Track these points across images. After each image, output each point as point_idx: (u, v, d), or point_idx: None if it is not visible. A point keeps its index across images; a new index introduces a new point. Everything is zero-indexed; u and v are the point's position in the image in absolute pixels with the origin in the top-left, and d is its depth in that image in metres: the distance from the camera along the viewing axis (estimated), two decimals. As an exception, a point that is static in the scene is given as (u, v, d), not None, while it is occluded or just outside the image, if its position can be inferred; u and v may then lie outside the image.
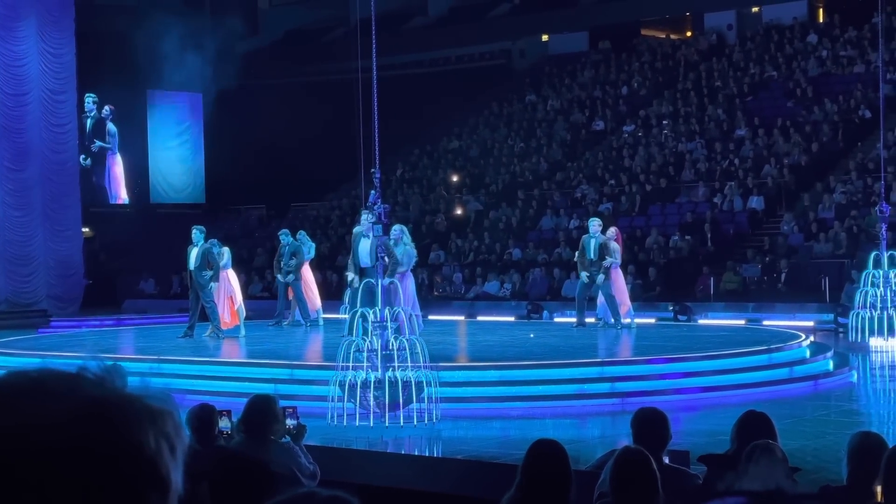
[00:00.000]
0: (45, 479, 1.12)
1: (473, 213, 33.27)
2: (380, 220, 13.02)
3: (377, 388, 12.25)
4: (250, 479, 4.14)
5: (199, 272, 18.96)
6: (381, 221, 13.03)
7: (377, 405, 12.33)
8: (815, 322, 22.84)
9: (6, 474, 1.12)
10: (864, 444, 5.33)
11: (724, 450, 6.26)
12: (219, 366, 15.81)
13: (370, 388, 12.27)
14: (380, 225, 13.00)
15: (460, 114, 38.91)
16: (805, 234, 27.10)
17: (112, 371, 1.22)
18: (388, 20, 31.82)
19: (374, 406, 12.33)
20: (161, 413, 1.20)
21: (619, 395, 13.49)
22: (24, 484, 1.12)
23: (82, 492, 1.13)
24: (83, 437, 1.14)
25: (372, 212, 13.17)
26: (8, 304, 28.13)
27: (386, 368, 12.36)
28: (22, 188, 28.56)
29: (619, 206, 30.81)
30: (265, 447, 6.41)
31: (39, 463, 1.12)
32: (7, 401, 1.16)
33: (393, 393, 12.27)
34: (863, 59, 33.37)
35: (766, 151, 30.92)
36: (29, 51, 28.57)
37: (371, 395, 12.31)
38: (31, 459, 1.12)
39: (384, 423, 12.17)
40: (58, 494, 1.12)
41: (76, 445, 1.14)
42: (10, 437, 1.13)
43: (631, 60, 38.81)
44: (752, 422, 6.09)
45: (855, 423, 12.28)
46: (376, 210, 13.08)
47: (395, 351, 12.41)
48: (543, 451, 5.09)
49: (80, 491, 1.13)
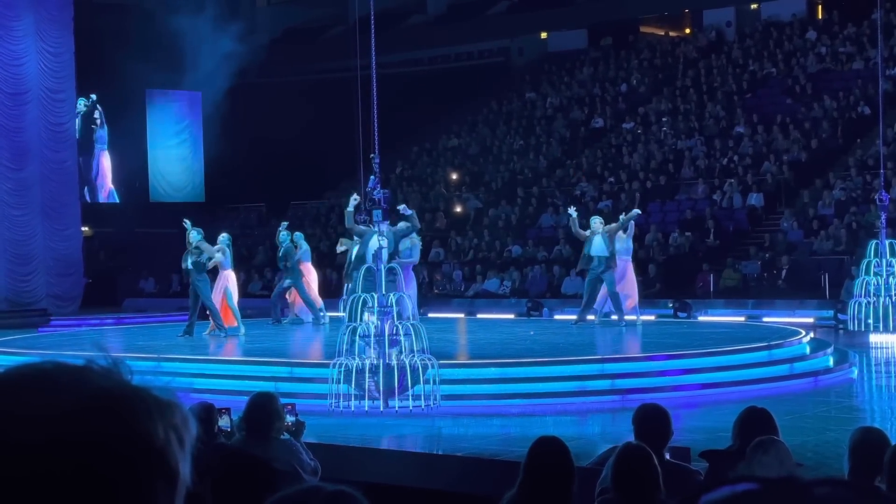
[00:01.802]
0: (54, 469, 1.12)
1: (473, 211, 33.28)
2: (379, 205, 13.01)
3: (377, 372, 12.28)
4: (252, 477, 4.14)
5: (197, 273, 18.91)
6: (380, 206, 13.02)
7: (377, 390, 12.36)
8: (815, 318, 22.85)
9: (16, 464, 1.12)
10: (866, 440, 5.33)
11: (726, 446, 6.26)
12: (219, 364, 15.81)
13: (370, 373, 12.30)
14: (380, 210, 12.99)
15: (459, 112, 38.91)
16: (805, 230, 27.11)
17: (119, 364, 1.22)
18: (387, 18, 31.80)
19: (374, 391, 12.36)
20: (169, 405, 1.21)
21: (620, 392, 13.50)
22: (34, 474, 1.12)
23: (92, 482, 1.13)
24: (92, 427, 1.14)
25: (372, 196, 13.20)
26: (8, 303, 28.11)
27: (386, 353, 12.39)
28: (21, 187, 28.55)
29: (619, 203, 30.79)
30: (267, 444, 6.42)
31: (49, 453, 1.12)
32: (16, 392, 1.16)
33: (392, 378, 12.31)
34: (862, 56, 33.37)
35: (766, 148, 30.93)
36: (27, 49, 28.54)
37: (372, 380, 12.35)
38: (41, 450, 1.12)
39: (386, 410, 12.20)
40: (67, 484, 1.12)
41: (86, 436, 1.14)
42: (20, 428, 1.13)
43: (630, 58, 38.80)
44: (753, 418, 6.09)
45: (856, 419, 12.29)
46: (376, 195, 13.09)
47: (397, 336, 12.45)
48: (546, 447, 5.09)
49: (89, 481, 1.13)
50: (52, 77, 29.06)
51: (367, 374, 12.40)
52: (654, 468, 4.98)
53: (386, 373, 12.41)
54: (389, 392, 12.51)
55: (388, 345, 12.53)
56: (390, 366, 12.37)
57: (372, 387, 12.42)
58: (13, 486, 1.12)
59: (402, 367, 12.38)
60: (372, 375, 12.43)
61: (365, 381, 12.47)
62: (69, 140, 29.85)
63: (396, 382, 12.42)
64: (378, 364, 12.40)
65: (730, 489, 0.95)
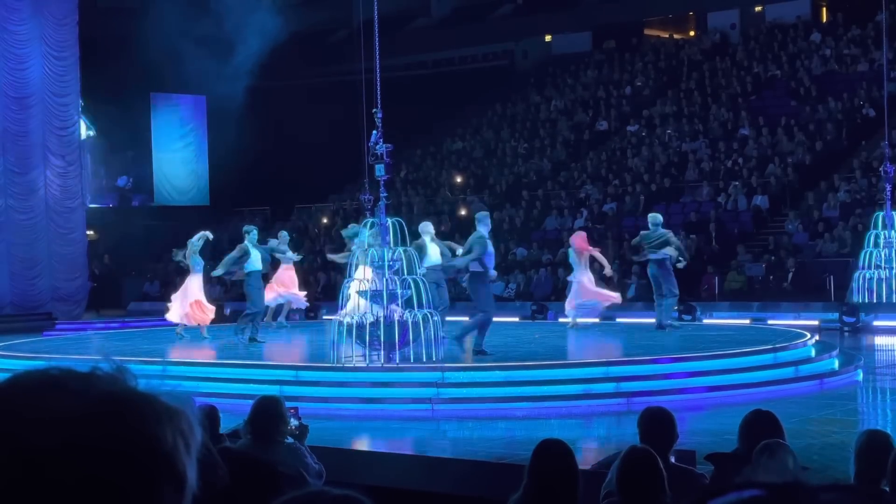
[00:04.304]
0: (62, 473, 1.13)
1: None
2: (382, 159, 13.18)
3: (379, 327, 12.37)
4: (258, 480, 4.15)
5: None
6: (383, 161, 13.19)
7: (379, 344, 12.47)
8: (820, 321, 22.81)
9: (25, 469, 1.12)
10: (872, 443, 5.32)
11: (731, 449, 6.25)
12: (224, 368, 15.81)
13: (373, 328, 12.42)
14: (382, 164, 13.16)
15: (464, 114, 38.92)
16: (810, 233, 27.07)
17: (124, 370, 1.22)
18: (392, 22, 31.81)
19: (376, 345, 12.49)
20: (176, 410, 1.21)
21: (625, 395, 13.48)
22: (42, 478, 1.12)
23: (100, 486, 1.13)
24: (102, 431, 1.15)
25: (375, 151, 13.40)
26: (13, 307, 28.15)
27: (388, 308, 12.50)
28: (26, 191, 28.59)
29: (623, 205, 30.80)
30: (272, 448, 6.42)
31: (57, 457, 1.13)
32: (24, 397, 1.16)
33: (393, 332, 12.39)
34: (866, 58, 33.34)
35: (770, 150, 30.90)
36: (32, 54, 28.58)
37: (374, 335, 12.47)
38: (52, 453, 1.13)
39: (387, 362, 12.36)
40: (76, 488, 1.13)
41: (96, 440, 1.14)
42: (29, 432, 1.13)
43: (634, 60, 38.80)
44: (758, 421, 6.09)
45: (861, 421, 12.27)
46: (378, 150, 13.27)
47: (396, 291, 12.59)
48: (550, 451, 5.09)
49: (99, 485, 1.13)
50: (57, 81, 29.09)
51: (370, 329, 12.52)
52: (659, 471, 4.97)
53: (387, 327, 12.49)
54: (391, 346, 12.61)
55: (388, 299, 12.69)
56: (391, 320, 12.46)
57: (374, 341, 12.55)
58: (23, 487, 1.12)
59: (403, 322, 12.47)
60: (374, 329, 12.53)
61: (366, 335, 12.58)
62: (73, 143, 29.87)
63: (398, 336, 12.51)
64: (381, 319, 12.53)
65: (736, 494, 0.95)
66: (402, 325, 12.75)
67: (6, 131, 28.20)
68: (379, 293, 13.21)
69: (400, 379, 13.76)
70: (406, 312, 13.12)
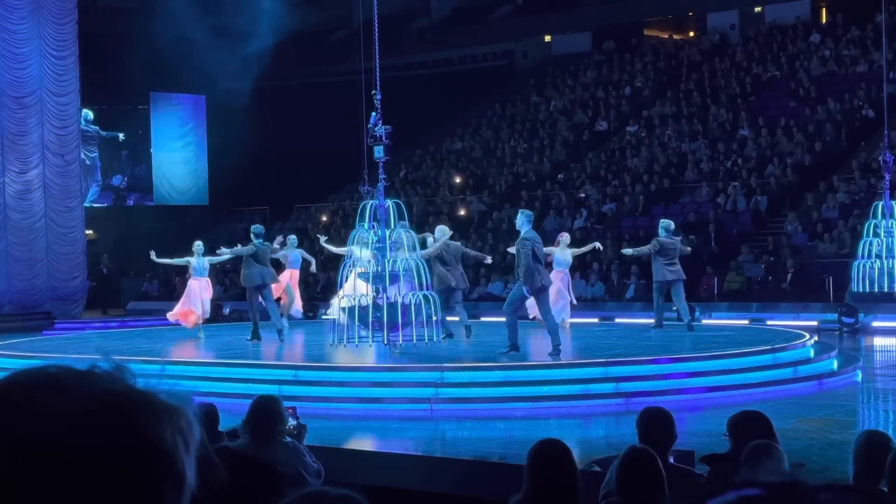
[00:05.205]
0: (63, 471, 1.13)
1: (477, 214, 33.27)
2: (381, 140, 13.24)
3: (378, 309, 12.42)
4: (257, 480, 4.14)
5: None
6: (382, 143, 13.26)
7: (378, 325, 12.52)
8: (819, 322, 22.82)
9: (25, 467, 1.12)
10: (870, 444, 5.33)
11: (726, 450, 6.25)
12: (223, 367, 15.81)
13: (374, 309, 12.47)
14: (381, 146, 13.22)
15: (463, 115, 38.91)
16: (809, 233, 27.08)
17: (123, 368, 1.22)
18: (391, 22, 31.80)
19: (376, 327, 12.55)
20: (175, 409, 1.21)
21: (624, 396, 13.48)
22: (41, 476, 1.12)
23: (99, 484, 1.13)
24: (100, 430, 1.15)
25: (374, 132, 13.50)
26: (12, 307, 28.15)
27: (387, 290, 12.56)
28: (25, 190, 28.59)
29: (623, 206, 30.80)
30: (271, 447, 6.42)
31: (56, 455, 1.13)
32: (23, 395, 1.16)
33: (393, 314, 12.44)
34: (866, 59, 33.34)
35: (770, 151, 30.90)
36: (31, 53, 28.58)
37: (373, 316, 12.52)
38: (48, 452, 1.13)
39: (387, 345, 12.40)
40: (75, 487, 1.13)
41: (96, 438, 1.14)
42: (27, 430, 1.13)
43: (634, 61, 38.80)
44: (744, 421, 6.10)
45: (860, 422, 12.27)
46: (377, 131, 13.35)
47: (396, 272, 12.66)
48: (548, 451, 5.08)
49: (97, 483, 1.13)
50: (56, 80, 29.08)
51: (369, 311, 12.58)
52: (658, 472, 4.97)
53: (388, 308, 12.54)
54: (391, 327, 12.65)
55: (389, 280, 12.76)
56: (392, 301, 12.51)
57: (375, 322, 12.61)
58: (21, 486, 1.12)
59: (403, 303, 12.53)
60: (375, 311, 12.58)
61: (368, 316, 12.63)
62: (73, 143, 29.86)
63: (399, 318, 12.56)
64: (380, 300, 12.59)
65: (735, 494, 0.95)
66: (402, 307, 12.81)
67: (6, 130, 28.20)
68: (380, 275, 13.27)
69: (399, 379, 13.79)
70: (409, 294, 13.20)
